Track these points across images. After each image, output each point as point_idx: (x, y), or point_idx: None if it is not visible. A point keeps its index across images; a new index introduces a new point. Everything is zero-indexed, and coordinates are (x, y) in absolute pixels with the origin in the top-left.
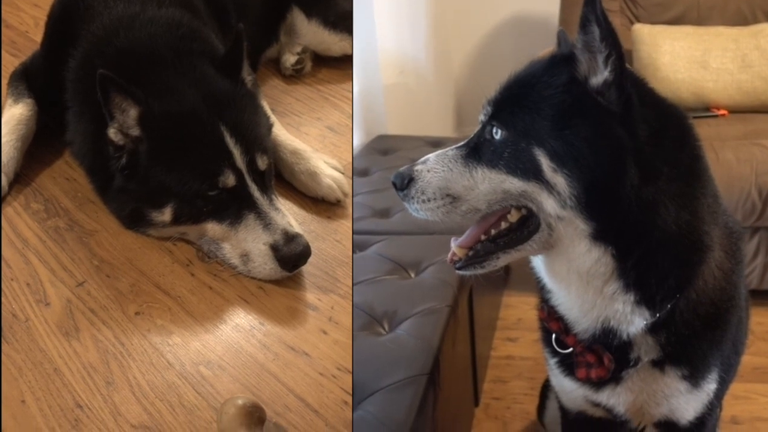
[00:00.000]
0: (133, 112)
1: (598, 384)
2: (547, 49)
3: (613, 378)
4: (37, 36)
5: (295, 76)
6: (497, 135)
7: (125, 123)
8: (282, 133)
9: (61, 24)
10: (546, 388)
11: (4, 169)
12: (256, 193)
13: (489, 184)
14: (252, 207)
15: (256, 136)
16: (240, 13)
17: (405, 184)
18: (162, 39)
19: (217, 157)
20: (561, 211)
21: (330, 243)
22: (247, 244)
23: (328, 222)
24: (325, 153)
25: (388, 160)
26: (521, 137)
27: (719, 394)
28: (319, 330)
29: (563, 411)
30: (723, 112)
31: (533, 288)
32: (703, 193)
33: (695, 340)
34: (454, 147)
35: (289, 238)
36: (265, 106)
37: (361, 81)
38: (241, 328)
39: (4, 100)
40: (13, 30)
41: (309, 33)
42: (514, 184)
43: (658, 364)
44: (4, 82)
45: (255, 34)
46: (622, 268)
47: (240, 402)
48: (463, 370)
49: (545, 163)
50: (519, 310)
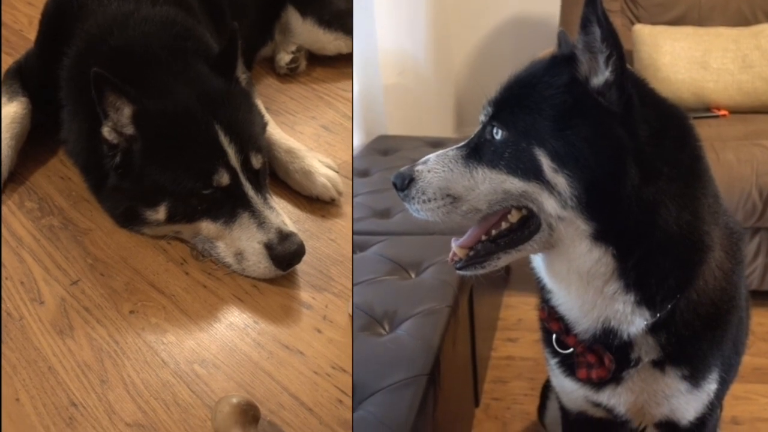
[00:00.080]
0: (127, 111)
1: (598, 384)
2: (547, 49)
3: (614, 378)
4: (32, 34)
5: (289, 75)
6: (498, 135)
7: (119, 121)
8: (276, 131)
9: (56, 22)
10: (546, 389)
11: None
12: (251, 191)
13: (490, 184)
14: (246, 206)
15: (250, 135)
16: (234, 12)
17: (405, 184)
18: (156, 37)
19: (212, 155)
20: (562, 211)
21: (324, 242)
22: (242, 243)
23: (322, 221)
24: (319, 152)
25: (389, 160)
26: (522, 137)
27: (720, 395)
28: (314, 328)
29: (564, 411)
30: (723, 112)
31: (534, 288)
32: (704, 193)
33: (696, 340)
34: (455, 147)
35: (284, 236)
36: (260, 104)
37: (361, 81)
38: (235, 326)
39: None
40: (7, 28)
41: (304, 32)
42: (514, 185)
43: (659, 365)
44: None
45: (249, 33)
46: (623, 268)
47: (234, 400)
48: (464, 371)
49: (546, 163)
50: (519, 311)
